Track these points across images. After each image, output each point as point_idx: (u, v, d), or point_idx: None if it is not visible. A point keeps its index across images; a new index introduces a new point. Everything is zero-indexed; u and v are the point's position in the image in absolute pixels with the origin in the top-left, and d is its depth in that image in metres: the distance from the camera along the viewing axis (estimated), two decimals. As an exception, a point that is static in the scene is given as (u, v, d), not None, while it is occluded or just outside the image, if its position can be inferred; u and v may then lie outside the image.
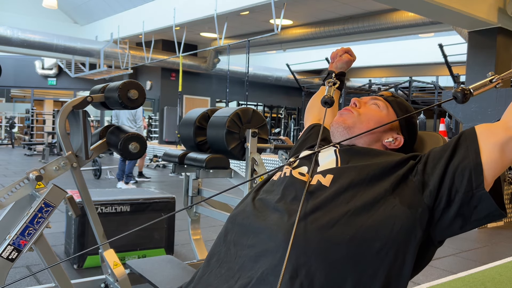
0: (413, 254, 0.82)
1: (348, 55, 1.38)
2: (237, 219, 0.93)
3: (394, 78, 13.73)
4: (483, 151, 0.84)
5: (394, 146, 1.07)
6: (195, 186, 2.58)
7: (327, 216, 0.82)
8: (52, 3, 9.89)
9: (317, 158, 1.00)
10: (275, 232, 0.82)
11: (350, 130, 1.05)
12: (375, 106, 1.09)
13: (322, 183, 0.89)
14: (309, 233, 0.80)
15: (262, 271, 0.78)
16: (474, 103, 4.79)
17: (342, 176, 0.89)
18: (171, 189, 6.36)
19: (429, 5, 4.13)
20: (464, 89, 0.92)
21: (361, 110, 1.08)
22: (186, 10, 8.42)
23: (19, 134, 15.73)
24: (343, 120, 1.07)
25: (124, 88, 1.83)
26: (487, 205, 0.83)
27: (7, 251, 1.57)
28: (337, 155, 0.98)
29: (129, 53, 10.53)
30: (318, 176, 0.91)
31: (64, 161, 1.80)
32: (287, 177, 0.95)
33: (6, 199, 1.69)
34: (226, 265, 0.85)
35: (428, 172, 0.87)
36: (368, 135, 1.04)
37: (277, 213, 0.86)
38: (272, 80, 13.64)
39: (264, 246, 0.81)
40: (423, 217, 0.83)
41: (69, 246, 2.91)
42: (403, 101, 1.14)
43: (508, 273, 3.12)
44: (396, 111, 1.09)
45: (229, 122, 2.09)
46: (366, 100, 1.12)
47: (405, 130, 1.09)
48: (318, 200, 0.85)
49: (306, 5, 7.81)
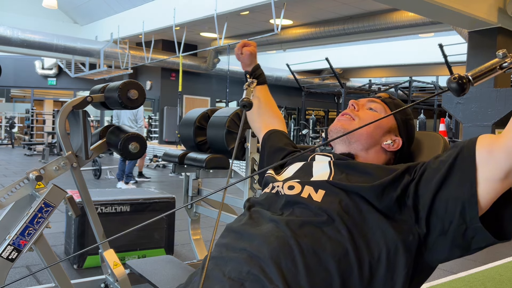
0: (403, 277, 0.80)
1: (247, 48, 1.35)
2: (232, 226, 0.95)
3: (394, 78, 13.73)
4: (480, 180, 0.76)
5: (393, 149, 1.06)
6: (195, 186, 2.57)
7: (319, 233, 0.83)
8: (52, 3, 9.89)
9: (311, 168, 1.00)
10: (268, 238, 0.83)
11: (348, 138, 1.04)
12: (373, 110, 1.08)
13: (314, 199, 0.88)
14: (302, 246, 0.81)
15: (253, 273, 0.80)
16: (474, 103, 4.79)
17: (333, 194, 0.88)
18: (171, 189, 6.36)
19: (429, 5, 4.13)
20: (461, 77, 0.73)
21: (360, 114, 1.07)
22: (186, 10, 8.42)
23: (19, 134, 15.72)
24: (341, 125, 1.06)
25: (124, 88, 1.83)
26: (484, 237, 0.77)
27: (7, 251, 1.57)
28: (331, 168, 0.97)
29: (129, 53, 10.53)
30: (309, 189, 0.90)
31: (64, 161, 1.80)
32: (278, 192, 0.96)
33: (6, 199, 1.68)
34: (217, 267, 0.86)
35: (420, 194, 0.82)
36: (366, 138, 1.04)
37: (273, 223, 0.88)
38: (272, 80, 13.64)
39: (255, 251, 0.83)
40: (413, 244, 0.82)
41: (69, 246, 2.91)
42: (400, 102, 1.13)
43: (508, 273, 3.12)
44: (394, 113, 1.07)
45: (229, 122, 2.09)
46: (364, 102, 1.11)
47: (403, 131, 1.09)
48: (311, 218, 0.85)
49: (306, 5, 7.81)
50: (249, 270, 0.80)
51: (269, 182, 1.03)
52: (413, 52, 11.28)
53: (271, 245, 0.82)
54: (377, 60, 12.24)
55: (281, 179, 1.02)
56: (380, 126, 1.05)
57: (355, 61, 12.30)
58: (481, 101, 4.73)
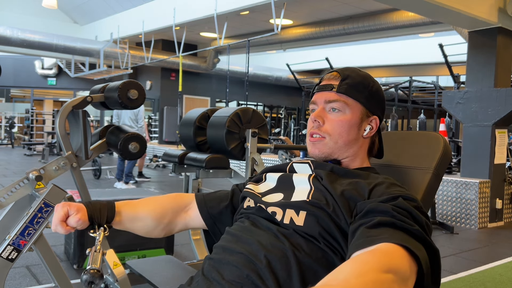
0: None
1: (74, 221, 0.96)
2: (229, 229, 0.97)
3: (394, 78, 13.74)
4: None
5: (375, 130, 1.05)
6: (195, 186, 2.57)
7: (314, 247, 0.86)
8: (52, 3, 9.88)
9: (291, 181, 1.00)
10: (265, 246, 0.86)
11: (331, 156, 1.02)
12: (336, 111, 1.01)
13: (296, 223, 0.89)
14: (299, 259, 0.84)
15: (251, 278, 0.82)
16: (474, 103, 4.79)
17: (313, 214, 0.88)
18: (171, 189, 6.35)
19: (429, 5, 4.12)
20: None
21: (327, 129, 1.01)
22: (186, 10, 8.42)
23: (19, 134, 15.72)
24: (319, 150, 1.02)
25: (124, 88, 1.83)
26: None
27: (6, 251, 1.57)
28: (311, 184, 0.95)
29: (129, 53, 10.53)
30: (291, 213, 0.91)
31: (64, 161, 1.80)
32: (260, 212, 0.96)
33: (6, 199, 1.68)
34: (214, 269, 0.88)
35: None
36: (347, 145, 1.01)
37: (271, 231, 0.90)
38: (272, 80, 13.64)
39: (253, 256, 0.85)
40: None
41: (69, 246, 2.91)
42: (354, 78, 1.02)
43: (508, 273, 3.12)
44: (355, 97, 1.01)
45: (229, 122, 2.09)
46: (322, 106, 1.02)
47: (373, 107, 1.04)
48: (298, 240, 0.87)
49: (306, 5, 7.80)
50: (248, 274, 0.82)
51: (248, 197, 1.03)
52: (413, 52, 11.28)
53: (270, 254, 0.84)
54: (377, 60, 12.24)
55: (259, 192, 1.02)
56: (352, 124, 1.01)
57: (355, 61, 12.29)
58: (481, 101, 4.73)
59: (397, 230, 0.75)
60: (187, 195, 1.15)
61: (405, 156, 1.19)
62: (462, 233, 4.40)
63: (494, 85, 4.70)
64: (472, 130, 4.85)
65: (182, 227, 1.12)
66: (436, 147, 1.13)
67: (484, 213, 4.68)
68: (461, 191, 4.71)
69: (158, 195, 1.16)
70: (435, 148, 1.13)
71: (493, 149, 4.72)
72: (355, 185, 0.91)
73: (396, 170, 1.17)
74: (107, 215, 1.01)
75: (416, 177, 1.11)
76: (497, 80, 4.72)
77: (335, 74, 1.04)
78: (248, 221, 0.96)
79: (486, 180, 4.68)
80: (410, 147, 1.19)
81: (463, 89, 4.99)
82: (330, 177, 0.95)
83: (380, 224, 0.77)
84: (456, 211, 4.76)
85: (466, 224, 4.68)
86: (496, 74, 4.71)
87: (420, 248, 0.73)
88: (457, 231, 4.44)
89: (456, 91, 5.17)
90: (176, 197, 1.15)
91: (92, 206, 0.99)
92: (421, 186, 1.09)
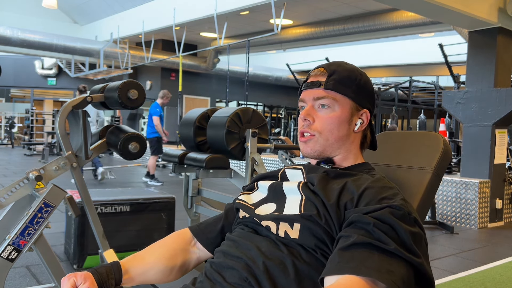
0: None
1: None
2: (230, 236, 0.98)
3: (394, 78, 13.75)
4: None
5: (366, 124, 1.04)
6: (195, 186, 2.58)
7: (312, 257, 0.86)
8: (52, 3, 9.89)
9: (282, 190, 0.99)
10: (263, 253, 0.87)
11: (324, 154, 1.02)
12: (325, 107, 1.00)
13: (291, 236, 0.89)
14: (298, 267, 0.85)
15: (250, 282, 0.84)
16: (474, 102, 4.79)
17: (307, 226, 0.88)
18: (171, 189, 6.35)
19: (429, 5, 4.12)
20: None
21: (317, 127, 1.00)
22: (186, 10, 8.42)
23: (19, 134, 15.72)
24: (311, 149, 1.01)
25: (124, 88, 1.83)
26: None
27: (7, 251, 1.57)
28: (301, 193, 0.94)
29: (129, 53, 10.53)
30: (284, 226, 0.90)
31: (64, 161, 1.80)
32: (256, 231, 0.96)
33: (6, 199, 1.68)
34: (216, 272, 0.90)
35: None
36: (338, 141, 1.01)
37: (269, 238, 0.91)
38: (272, 80, 13.65)
39: (251, 261, 0.87)
40: None
41: (69, 246, 2.91)
42: (340, 72, 1.02)
43: (508, 273, 3.12)
44: (343, 92, 1.00)
45: (229, 122, 2.09)
46: (311, 103, 1.01)
47: (363, 101, 1.03)
48: (297, 248, 0.87)
49: (306, 5, 7.80)
50: (247, 277, 0.85)
51: (241, 209, 1.03)
52: (413, 52, 11.28)
53: (268, 261, 0.85)
54: (377, 60, 12.24)
55: (252, 203, 1.02)
56: (342, 120, 1.00)
57: (355, 61, 12.12)
58: (481, 101, 4.73)
59: (372, 252, 0.76)
60: (185, 231, 1.13)
61: (405, 156, 1.19)
62: (462, 233, 4.40)
63: (494, 85, 4.70)
64: (472, 130, 4.85)
65: (196, 262, 1.10)
66: (436, 147, 1.13)
67: (484, 213, 4.68)
68: (461, 191, 4.71)
69: (159, 240, 1.11)
70: (435, 148, 1.13)
71: (493, 149, 4.72)
72: (347, 190, 0.90)
73: (396, 170, 1.17)
74: (115, 278, 0.98)
75: (416, 177, 1.11)
76: (497, 80, 4.72)
77: (322, 70, 1.02)
78: (247, 228, 0.97)
79: (486, 180, 4.68)
80: (410, 147, 1.19)
81: (463, 89, 4.99)
82: (323, 181, 0.94)
83: (354, 245, 0.78)
84: (456, 211, 4.76)
85: (466, 224, 4.68)
86: (496, 74, 4.71)
87: (395, 268, 0.74)
88: (457, 231, 4.44)
89: (456, 91, 5.17)
90: (179, 235, 1.13)
91: (99, 272, 0.96)
92: (421, 186, 1.08)
